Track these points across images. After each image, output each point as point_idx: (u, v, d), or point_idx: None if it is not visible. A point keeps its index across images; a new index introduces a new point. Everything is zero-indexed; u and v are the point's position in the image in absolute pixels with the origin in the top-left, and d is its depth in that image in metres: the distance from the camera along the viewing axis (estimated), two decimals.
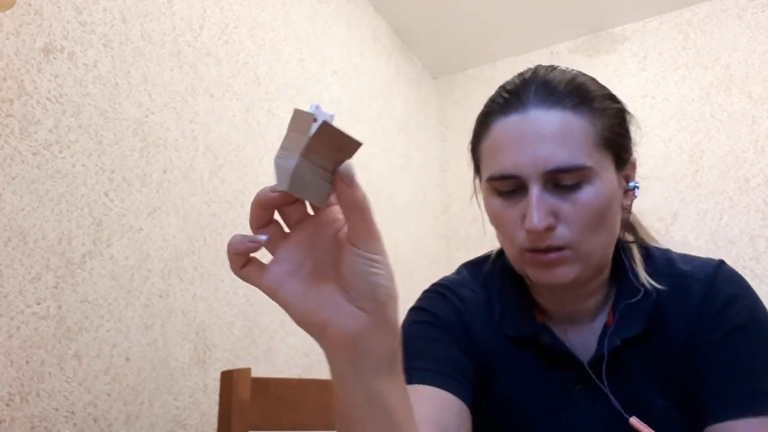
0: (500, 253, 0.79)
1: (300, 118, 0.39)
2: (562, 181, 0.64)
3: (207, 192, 1.22)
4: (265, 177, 1.38)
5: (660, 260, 0.73)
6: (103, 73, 1.04)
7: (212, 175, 1.25)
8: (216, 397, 1.13)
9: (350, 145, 0.38)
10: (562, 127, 0.64)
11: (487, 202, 0.71)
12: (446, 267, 1.76)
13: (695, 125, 1.97)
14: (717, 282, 0.69)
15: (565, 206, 0.64)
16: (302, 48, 1.62)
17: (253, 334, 1.28)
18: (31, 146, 0.91)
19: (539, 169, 0.63)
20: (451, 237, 2.31)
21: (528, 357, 0.71)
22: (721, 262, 0.72)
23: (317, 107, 0.39)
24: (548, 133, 0.64)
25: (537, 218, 0.62)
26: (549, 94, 0.66)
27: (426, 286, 0.80)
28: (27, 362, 0.85)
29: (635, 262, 0.72)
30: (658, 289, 0.70)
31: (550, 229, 0.63)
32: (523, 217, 0.64)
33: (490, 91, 0.72)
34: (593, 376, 0.68)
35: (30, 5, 0.94)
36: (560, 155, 0.63)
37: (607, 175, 0.66)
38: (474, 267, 0.81)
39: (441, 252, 2.24)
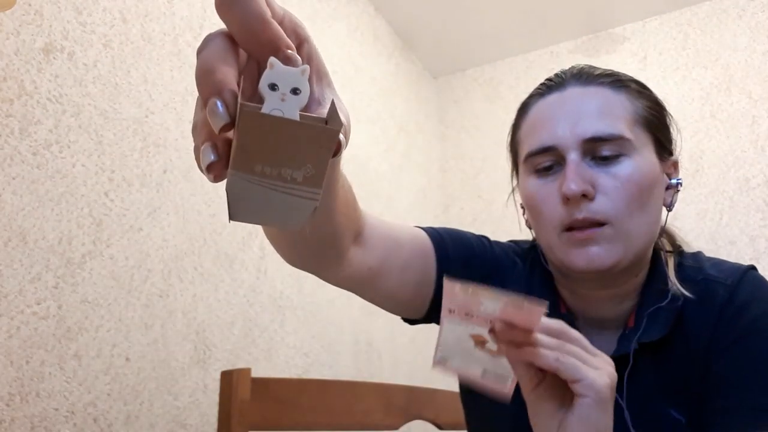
0: (532, 247, 0.76)
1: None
2: (600, 151, 0.62)
3: (207, 192, 1.22)
4: None
5: (690, 266, 0.69)
6: (103, 73, 1.04)
7: None
8: (216, 397, 1.13)
9: (316, 136, 0.24)
10: (601, 100, 0.64)
11: (524, 186, 0.68)
12: None
13: (695, 125, 1.96)
14: (740, 286, 0.65)
15: (604, 178, 0.62)
16: None
17: (253, 334, 1.27)
18: (31, 146, 0.91)
19: (577, 137, 0.62)
20: None
21: None
22: (751, 267, 0.68)
23: (275, 67, 0.25)
24: (586, 105, 0.64)
25: (574, 182, 0.60)
26: (587, 75, 0.67)
27: None
28: (27, 362, 0.85)
29: (668, 267, 0.68)
30: (685, 295, 0.65)
31: (587, 197, 0.61)
32: (561, 190, 0.62)
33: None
34: None
35: (30, 5, 0.94)
36: (598, 124, 0.62)
37: (648, 155, 0.64)
38: (519, 246, 0.78)
39: None
